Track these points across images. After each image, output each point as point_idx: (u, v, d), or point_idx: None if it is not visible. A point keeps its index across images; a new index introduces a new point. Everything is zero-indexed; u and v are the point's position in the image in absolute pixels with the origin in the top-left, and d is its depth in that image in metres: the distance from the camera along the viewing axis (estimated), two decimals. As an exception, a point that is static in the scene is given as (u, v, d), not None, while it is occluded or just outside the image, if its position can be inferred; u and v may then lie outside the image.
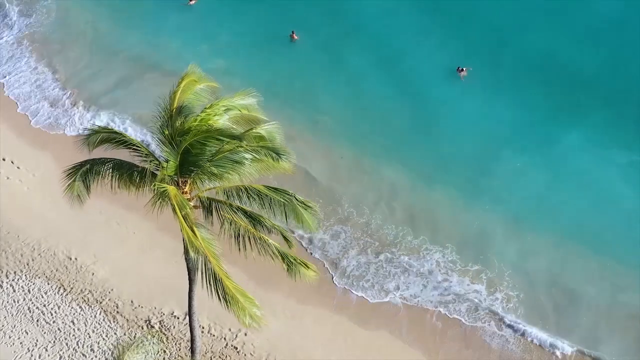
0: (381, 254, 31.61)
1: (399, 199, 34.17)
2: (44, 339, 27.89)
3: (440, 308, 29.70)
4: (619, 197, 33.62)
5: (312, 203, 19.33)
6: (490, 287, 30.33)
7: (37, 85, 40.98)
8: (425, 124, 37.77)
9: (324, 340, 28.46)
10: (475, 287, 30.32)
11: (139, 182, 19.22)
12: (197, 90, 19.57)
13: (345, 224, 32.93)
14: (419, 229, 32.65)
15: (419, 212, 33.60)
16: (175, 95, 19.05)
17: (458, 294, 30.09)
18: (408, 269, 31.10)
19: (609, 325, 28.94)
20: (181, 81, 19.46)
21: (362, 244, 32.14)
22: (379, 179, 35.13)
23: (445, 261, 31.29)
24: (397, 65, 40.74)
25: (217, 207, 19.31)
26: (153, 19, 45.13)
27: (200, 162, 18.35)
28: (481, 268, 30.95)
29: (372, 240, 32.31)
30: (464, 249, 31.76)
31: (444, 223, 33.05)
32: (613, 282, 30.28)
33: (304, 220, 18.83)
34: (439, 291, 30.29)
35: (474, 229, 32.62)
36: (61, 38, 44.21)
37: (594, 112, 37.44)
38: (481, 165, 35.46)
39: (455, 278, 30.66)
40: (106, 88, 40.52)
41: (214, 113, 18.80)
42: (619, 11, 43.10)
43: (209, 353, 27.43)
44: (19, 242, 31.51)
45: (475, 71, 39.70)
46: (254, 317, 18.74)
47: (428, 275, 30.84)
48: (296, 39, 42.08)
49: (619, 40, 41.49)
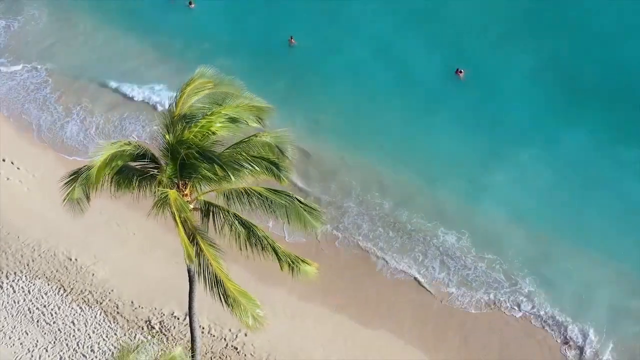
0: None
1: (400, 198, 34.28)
2: (44, 339, 27.91)
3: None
4: (626, 194, 33.58)
5: (315, 205, 19.27)
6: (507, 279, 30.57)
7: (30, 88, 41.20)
8: (427, 123, 37.85)
9: (324, 340, 28.45)
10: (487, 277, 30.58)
11: (139, 185, 19.15)
12: (204, 94, 19.26)
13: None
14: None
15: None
16: (180, 99, 18.85)
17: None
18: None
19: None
20: (187, 85, 19.17)
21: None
22: (377, 177, 35.25)
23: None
24: (396, 69, 40.83)
25: (214, 213, 19.25)
26: (153, 21, 45.24)
27: (198, 169, 18.28)
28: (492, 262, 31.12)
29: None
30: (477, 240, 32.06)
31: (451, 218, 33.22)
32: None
33: (306, 221, 18.68)
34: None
35: (479, 227, 32.73)
36: (61, 40, 44.30)
37: (598, 111, 37.52)
38: (483, 166, 35.53)
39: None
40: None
41: (215, 120, 18.59)
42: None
43: (209, 353, 27.44)
44: (19, 243, 31.54)
45: (477, 72, 39.73)
46: (257, 317, 18.72)
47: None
48: (294, 43, 41.96)
49: (621, 40, 41.53)
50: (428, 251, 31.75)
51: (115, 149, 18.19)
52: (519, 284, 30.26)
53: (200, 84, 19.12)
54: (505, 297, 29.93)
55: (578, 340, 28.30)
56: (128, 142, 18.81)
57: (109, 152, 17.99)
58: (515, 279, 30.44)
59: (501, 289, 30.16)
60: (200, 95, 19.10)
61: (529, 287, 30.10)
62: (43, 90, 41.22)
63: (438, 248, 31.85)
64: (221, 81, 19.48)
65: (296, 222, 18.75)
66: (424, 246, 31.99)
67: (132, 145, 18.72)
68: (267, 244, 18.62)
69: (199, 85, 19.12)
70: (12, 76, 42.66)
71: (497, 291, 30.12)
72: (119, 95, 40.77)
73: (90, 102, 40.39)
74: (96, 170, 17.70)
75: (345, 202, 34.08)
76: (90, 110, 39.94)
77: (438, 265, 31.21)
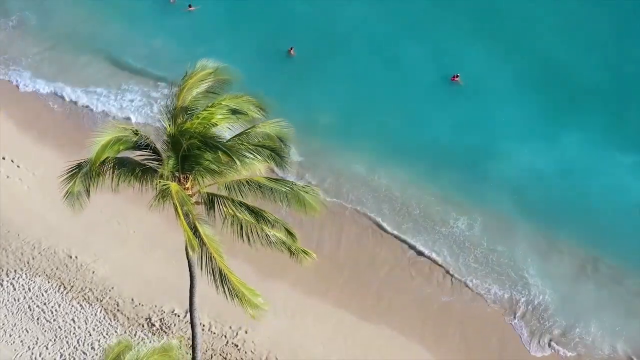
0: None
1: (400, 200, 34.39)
2: (45, 337, 27.87)
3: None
4: (625, 195, 33.82)
5: (312, 187, 19.58)
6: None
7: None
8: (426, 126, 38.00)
9: (324, 338, 28.43)
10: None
11: (141, 179, 19.14)
12: (205, 86, 19.30)
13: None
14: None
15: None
16: (180, 92, 18.88)
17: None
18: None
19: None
20: (189, 78, 19.19)
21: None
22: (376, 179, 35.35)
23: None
24: (395, 76, 40.87)
25: (219, 203, 19.27)
26: (153, 24, 45.22)
27: (200, 160, 18.31)
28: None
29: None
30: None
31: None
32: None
33: (307, 204, 18.94)
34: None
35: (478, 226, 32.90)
36: (62, 43, 44.30)
37: (596, 113, 37.71)
38: (484, 166, 35.67)
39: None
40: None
41: (216, 112, 18.66)
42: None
43: (209, 351, 27.40)
44: (19, 241, 31.51)
45: (477, 77, 39.84)
46: (259, 305, 18.79)
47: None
48: (293, 55, 41.77)
49: (620, 41, 41.69)
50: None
51: (119, 133, 18.25)
52: (521, 283, 30.36)
53: (202, 76, 19.16)
54: (507, 293, 30.03)
55: (581, 339, 28.39)
56: (136, 131, 18.83)
57: (112, 135, 18.03)
58: (518, 277, 30.54)
59: (505, 286, 30.27)
60: (201, 87, 19.13)
61: (530, 288, 30.20)
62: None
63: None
64: (222, 72, 19.60)
65: (297, 206, 18.95)
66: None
67: (138, 134, 18.77)
68: (281, 226, 18.91)
69: (201, 77, 19.16)
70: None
71: (501, 288, 30.25)
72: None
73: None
74: (98, 149, 17.68)
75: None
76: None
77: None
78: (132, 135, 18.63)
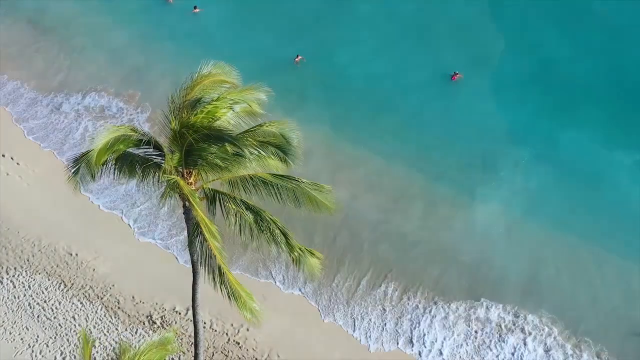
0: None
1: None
2: (45, 334, 27.75)
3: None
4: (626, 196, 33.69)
5: (323, 185, 18.91)
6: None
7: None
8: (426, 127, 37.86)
9: (326, 336, 28.37)
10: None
11: (143, 173, 19.04)
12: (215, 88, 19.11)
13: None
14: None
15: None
16: (189, 90, 18.69)
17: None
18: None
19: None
20: (199, 80, 18.91)
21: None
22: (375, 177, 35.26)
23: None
24: (397, 78, 40.72)
25: (221, 200, 19.13)
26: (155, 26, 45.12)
27: (204, 155, 18.21)
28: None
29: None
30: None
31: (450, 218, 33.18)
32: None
33: (318, 203, 18.43)
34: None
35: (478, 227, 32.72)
36: (66, 45, 44.16)
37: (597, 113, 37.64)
38: (484, 167, 35.55)
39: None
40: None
41: (221, 106, 18.53)
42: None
43: (211, 348, 27.31)
44: (19, 238, 31.40)
45: (477, 76, 39.82)
46: (254, 311, 18.58)
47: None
48: (299, 61, 41.33)
49: (621, 42, 41.71)
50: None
51: (119, 133, 18.10)
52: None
53: (208, 76, 18.99)
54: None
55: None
56: (133, 128, 18.71)
57: (111, 135, 17.87)
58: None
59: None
60: (205, 84, 19.04)
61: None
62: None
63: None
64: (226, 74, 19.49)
65: (308, 204, 18.47)
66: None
67: (137, 132, 18.64)
68: (276, 228, 18.37)
69: (206, 77, 19.00)
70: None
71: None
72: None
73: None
74: (96, 153, 17.53)
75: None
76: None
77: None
78: (134, 134, 18.47)
